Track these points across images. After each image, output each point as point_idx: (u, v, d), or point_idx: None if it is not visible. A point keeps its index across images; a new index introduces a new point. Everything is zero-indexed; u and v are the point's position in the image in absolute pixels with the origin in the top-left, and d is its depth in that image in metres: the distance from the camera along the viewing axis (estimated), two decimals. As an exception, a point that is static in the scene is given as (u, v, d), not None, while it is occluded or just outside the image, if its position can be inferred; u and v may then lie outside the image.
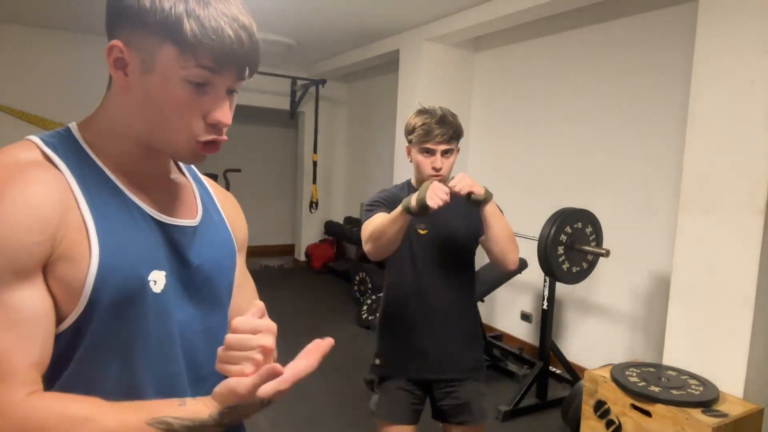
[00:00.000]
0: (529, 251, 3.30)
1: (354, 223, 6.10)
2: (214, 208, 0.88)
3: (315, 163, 6.20)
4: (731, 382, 2.21)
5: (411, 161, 1.72)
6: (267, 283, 5.78)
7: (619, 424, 2.21)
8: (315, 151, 6.20)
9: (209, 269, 0.81)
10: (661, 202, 3.05)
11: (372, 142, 6.12)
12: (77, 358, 0.68)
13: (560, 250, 2.74)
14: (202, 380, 0.80)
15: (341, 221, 6.60)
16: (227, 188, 6.16)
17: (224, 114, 0.71)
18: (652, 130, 3.12)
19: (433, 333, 1.72)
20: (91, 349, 0.68)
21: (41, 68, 4.84)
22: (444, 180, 1.67)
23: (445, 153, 1.65)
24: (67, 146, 0.71)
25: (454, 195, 1.50)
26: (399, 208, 1.50)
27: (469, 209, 1.66)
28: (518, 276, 3.60)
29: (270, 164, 7.51)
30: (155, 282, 0.72)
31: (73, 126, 0.75)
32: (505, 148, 4.22)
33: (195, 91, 0.69)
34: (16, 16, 4.54)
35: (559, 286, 3.27)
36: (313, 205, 6.19)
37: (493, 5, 3.55)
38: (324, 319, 4.76)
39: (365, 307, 4.50)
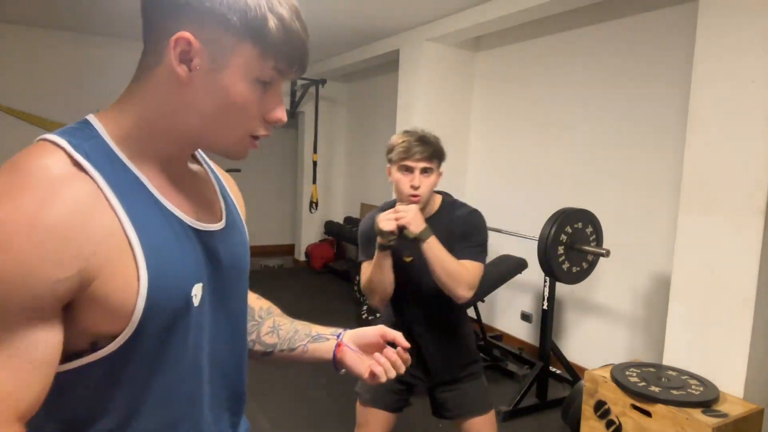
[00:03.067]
0: (529, 251, 3.30)
1: (354, 223, 6.10)
2: (232, 204, 0.85)
3: (315, 163, 6.20)
4: (731, 382, 2.21)
5: (391, 181, 1.69)
6: (267, 283, 5.78)
7: (619, 424, 2.21)
8: (315, 151, 6.20)
9: (234, 272, 0.79)
10: (661, 202, 3.05)
11: (372, 142, 6.12)
12: (126, 378, 0.66)
13: (560, 250, 2.74)
14: (225, 382, 0.80)
15: (341, 221, 6.60)
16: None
17: (284, 112, 0.71)
18: (652, 130, 3.12)
19: (425, 356, 1.77)
20: (139, 368, 0.66)
21: (41, 68, 4.84)
22: (422, 202, 1.64)
23: (424, 171, 1.62)
24: (98, 150, 0.63)
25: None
26: (377, 251, 1.62)
27: (449, 234, 1.68)
28: (518, 276, 3.60)
29: (270, 164, 7.49)
30: (196, 296, 0.69)
31: (95, 122, 0.66)
32: (505, 148, 4.22)
33: (262, 90, 0.67)
34: (17, 16, 4.53)
35: (559, 286, 3.27)
36: (313, 205, 6.19)
37: (493, 5, 3.55)
38: (324, 320, 4.74)
39: (365, 307, 4.50)
